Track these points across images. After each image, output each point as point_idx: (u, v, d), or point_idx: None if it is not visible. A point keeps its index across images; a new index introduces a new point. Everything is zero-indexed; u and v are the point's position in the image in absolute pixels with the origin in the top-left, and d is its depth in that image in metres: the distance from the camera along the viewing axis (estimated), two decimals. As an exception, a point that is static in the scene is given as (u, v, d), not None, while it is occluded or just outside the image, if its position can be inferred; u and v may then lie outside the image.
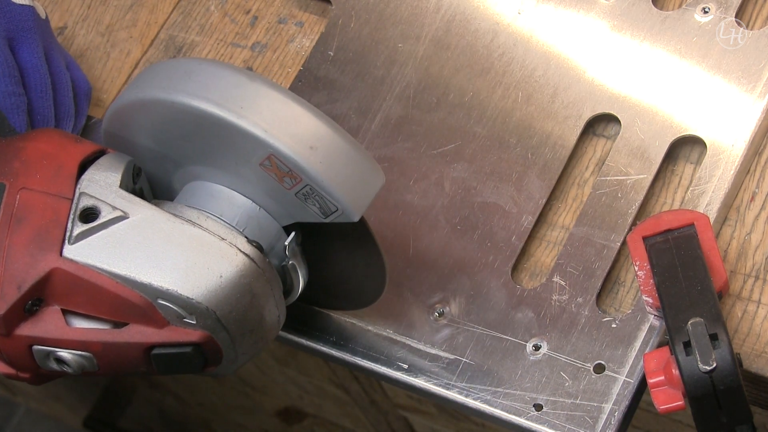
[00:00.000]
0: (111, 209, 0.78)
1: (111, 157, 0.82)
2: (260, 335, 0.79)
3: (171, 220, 0.78)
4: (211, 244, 0.77)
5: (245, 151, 0.77)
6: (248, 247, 0.78)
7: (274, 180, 0.78)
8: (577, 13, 0.94)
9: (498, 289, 0.87)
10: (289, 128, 0.76)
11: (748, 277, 0.84)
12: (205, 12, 1.05)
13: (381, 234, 0.88)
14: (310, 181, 0.77)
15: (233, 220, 0.80)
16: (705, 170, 0.86)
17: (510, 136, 0.92)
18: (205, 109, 0.77)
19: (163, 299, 0.76)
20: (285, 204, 0.79)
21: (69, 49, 1.06)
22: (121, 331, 0.78)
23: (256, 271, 0.78)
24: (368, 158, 0.78)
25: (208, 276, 0.76)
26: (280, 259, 0.81)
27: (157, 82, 0.79)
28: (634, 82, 0.91)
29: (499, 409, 0.83)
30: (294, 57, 1.01)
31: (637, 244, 0.81)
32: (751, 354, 0.81)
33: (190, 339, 0.77)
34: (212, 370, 0.80)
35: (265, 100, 0.77)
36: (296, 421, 1.62)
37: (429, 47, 0.96)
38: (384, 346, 0.87)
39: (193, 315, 0.77)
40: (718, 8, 0.91)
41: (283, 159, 0.76)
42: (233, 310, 0.77)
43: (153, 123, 0.80)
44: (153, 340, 0.78)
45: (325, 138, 0.77)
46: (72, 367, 0.80)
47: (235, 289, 0.77)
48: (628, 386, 0.81)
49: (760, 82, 0.88)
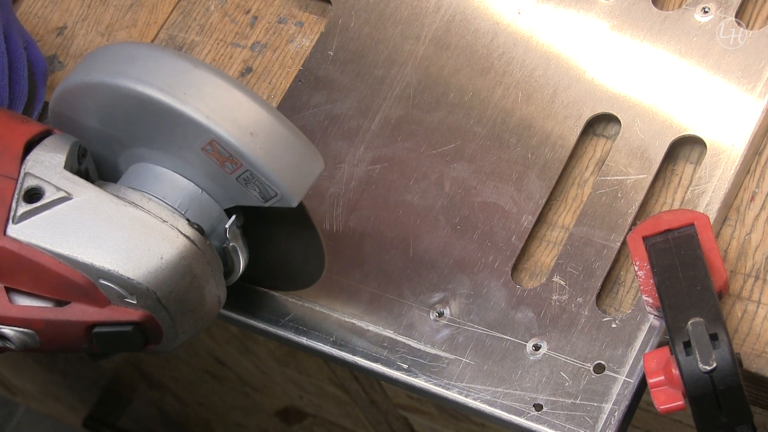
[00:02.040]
0: (55, 190, 0.80)
1: (56, 138, 0.83)
2: (200, 315, 0.82)
3: (114, 202, 0.80)
4: (152, 226, 0.79)
5: (188, 136, 0.79)
6: (189, 229, 0.80)
7: (216, 164, 0.80)
8: (577, 13, 0.94)
9: (498, 289, 0.87)
10: (230, 114, 0.78)
11: (748, 277, 0.84)
12: (204, 12, 1.05)
13: (381, 234, 0.88)
14: (250, 166, 0.79)
15: (175, 203, 0.82)
16: (705, 170, 0.86)
17: (510, 136, 0.92)
18: (149, 94, 0.79)
19: (104, 279, 0.78)
20: (226, 188, 0.81)
21: (69, 49, 1.06)
22: (63, 309, 0.80)
23: (197, 252, 0.79)
24: (308, 145, 0.80)
25: (149, 257, 0.78)
26: (221, 241, 0.83)
27: (103, 66, 0.81)
28: (634, 82, 0.91)
29: (499, 409, 0.83)
30: (294, 57, 1.01)
31: (637, 244, 0.81)
32: (751, 354, 0.81)
33: (131, 318, 0.79)
34: (153, 348, 0.82)
35: (208, 87, 0.79)
36: (296, 421, 1.62)
37: (429, 47, 0.96)
38: (384, 346, 0.87)
39: (133, 295, 0.78)
40: (718, 8, 0.91)
41: (223, 144, 0.78)
42: (173, 290, 0.79)
43: (99, 105, 0.82)
44: (94, 318, 0.80)
45: (266, 124, 0.79)
46: (14, 343, 0.81)
47: (176, 271, 0.79)
48: (628, 386, 0.81)
49: (760, 82, 0.88)
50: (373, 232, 0.91)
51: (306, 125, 0.96)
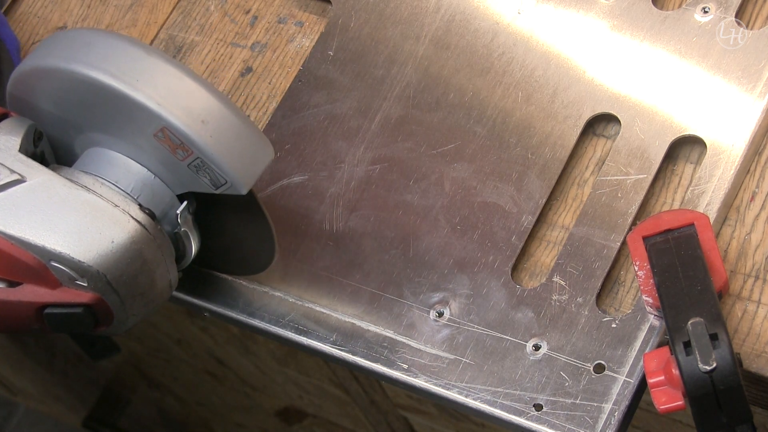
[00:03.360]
0: (9, 172, 0.81)
1: (12, 121, 0.84)
2: (150, 298, 0.83)
3: (67, 186, 0.81)
4: (104, 210, 0.80)
5: (140, 123, 0.80)
6: (140, 214, 0.81)
7: (168, 151, 0.81)
8: (577, 13, 0.94)
9: (498, 289, 0.87)
10: (181, 102, 0.79)
11: (748, 277, 0.84)
12: (204, 12, 1.05)
13: (381, 234, 0.88)
14: (201, 154, 0.80)
15: (128, 188, 0.83)
16: (705, 170, 0.86)
17: (510, 136, 0.92)
18: (102, 80, 0.80)
19: (56, 261, 0.79)
20: (178, 174, 0.82)
21: (69, 49, 1.06)
22: (14, 290, 0.81)
23: (147, 237, 0.81)
24: (258, 133, 0.82)
25: (100, 241, 0.79)
26: (173, 226, 0.84)
27: (59, 51, 0.82)
28: (634, 82, 0.91)
29: (499, 409, 0.83)
30: (294, 57, 1.01)
31: (637, 244, 0.81)
32: (751, 354, 0.81)
33: (81, 300, 0.80)
34: (103, 329, 0.83)
35: (160, 74, 0.80)
36: (296, 421, 1.62)
37: (429, 47, 0.96)
38: (384, 346, 0.87)
39: (84, 277, 0.79)
40: (718, 8, 0.91)
41: (174, 132, 0.79)
42: (123, 274, 0.80)
43: (54, 90, 0.83)
44: (45, 299, 0.81)
45: (217, 113, 0.80)
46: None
47: (126, 254, 0.80)
48: (628, 386, 0.81)
49: (760, 82, 0.88)
50: (373, 232, 0.91)
51: (306, 125, 0.96)
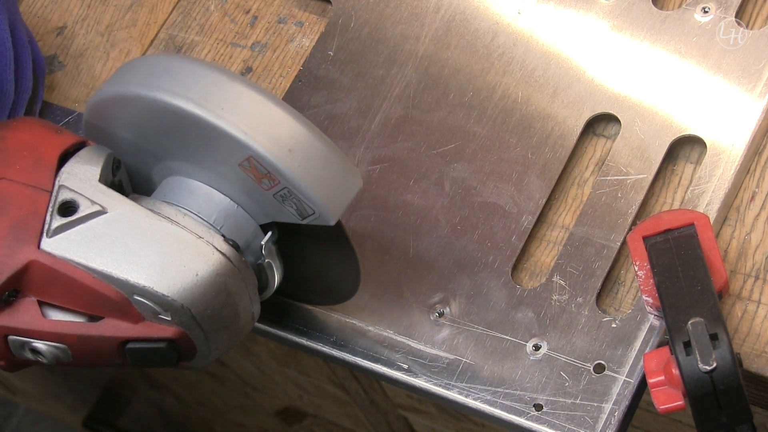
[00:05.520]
0: (90, 203, 0.79)
1: (91, 150, 0.82)
2: (234, 331, 0.80)
3: (149, 217, 0.78)
4: (188, 242, 0.78)
5: (224, 152, 0.78)
6: (225, 245, 0.78)
7: (253, 180, 0.78)
8: (577, 12, 0.94)
9: (498, 289, 0.87)
10: (268, 130, 0.76)
11: (748, 277, 0.84)
12: (204, 12, 1.05)
13: (381, 234, 0.88)
14: (288, 184, 0.77)
15: (210, 218, 0.80)
16: (705, 170, 0.86)
17: (510, 136, 0.92)
18: (186, 108, 0.77)
19: (139, 295, 0.77)
20: (262, 204, 0.80)
21: (69, 49, 1.06)
22: (96, 324, 0.79)
23: (232, 269, 0.78)
24: (346, 162, 0.79)
25: (184, 274, 0.77)
26: (256, 257, 0.82)
27: (139, 78, 0.79)
28: (634, 82, 0.91)
29: (499, 409, 0.83)
30: (294, 57, 1.01)
31: (637, 243, 0.81)
32: (751, 354, 0.81)
33: (165, 335, 0.78)
34: (185, 364, 0.81)
35: (245, 101, 0.77)
36: (296, 421, 1.62)
37: (429, 47, 0.96)
38: (384, 346, 0.87)
39: (168, 312, 0.77)
40: (718, 8, 0.91)
41: (261, 161, 0.77)
42: (208, 307, 0.78)
43: (133, 118, 0.81)
44: (128, 334, 0.78)
45: (304, 141, 0.77)
46: (46, 357, 0.80)
47: (211, 288, 0.77)
48: (628, 386, 0.81)
49: (760, 82, 0.88)
50: (373, 232, 0.91)
51: (306, 125, 0.96)
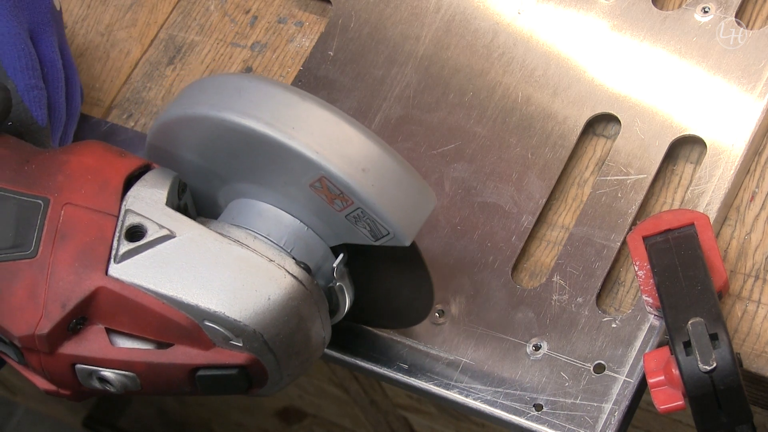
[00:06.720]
0: (158, 228, 0.77)
1: (156, 173, 0.80)
2: (306, 357, 0.78)
3: (218, 240, 0.76)
4: (259, 266, 0.75)
5: (295, 172, 0.76)
6: (296, 268, 0.76)
7: (324, 201, 0.76)
8: (577, 12, 0.94)
9: (498, 289, 0.87)
10: (340, 150, 0.74)
11: (748, 277, 0.84)
12: (204, 12, 1.05)
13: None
14: (362, 204, 0.75)
15: (281, 241, 0.78)
16: (705, 170, 0.86)
17: (510, 136, 0.92)
18: (256, 129, 0.75)
19: (209, 321, 0.75)
20: (334, 225, 0.78)
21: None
22: (165, 351, 0.76)
23: (304, 293, 0.76)
24: (419, 180, 0.77)
25: (256, 298, 0.74)
26: (327, 280, 0.80)
27: (207, 98, 0.77)
28: (634, 82, 0.91)
29: (499, 409, 0.83)
30: (294, 57, 1.01)
31: (637, 243, 0.81)
32: (751, 354, 0.81)
33: (236, 361, 0.76)
34: (256, 391, 0.79)
35: (316, 120, 0.75)
36: (296, 421, 1.62)
37: (429, 47, 0.96)
38: (384, 346, 0.87)
39: (240, 337, 0.75)
40: (718, 8, 0.91)
41: (334, 181, 0.74)
42: (280, 332, 0.75)
43: (201, 139, 0.79)
44: (198, 361, 0.76)
45: (377, 160, 0.75)
46: (115, 386, 0.78)
47: (283, 312, 0.75)
48: (628, 386, 0.81)
49: (760, 82, 0.88)
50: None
51: (306, 125, 0.96)
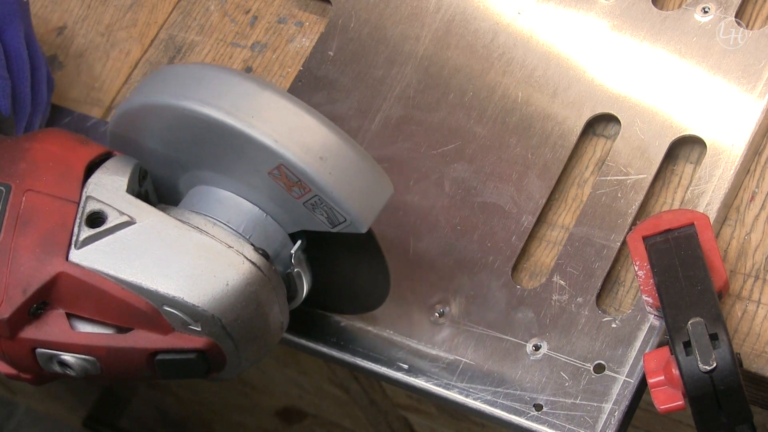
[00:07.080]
0: (118, 214, 0.78)
1: (118, 160, 0.81)
2: (264, 341, 0.79)
3: (178, 227, 0.77)
4: (218, 252, 0.77)
5: (255, 160, 0.77)
6: (255, 254, 0.78)
7: (283, 189, 0.78)
8: (577, 12, 0.94)
9: (498, 289, 0.87)
10: (299, 138, 0.76)
11: (748, 277, 0.84)
12: (204, 12, 1.05)
13: (381, 234, 0.88)
14: (319, 191, 0.76)
15: (240, 227, 0.80)
16: (705, 170, 0.86)
17: (510, 136, 0.92)
18: (216, 117, 0.76)
19: (168, 306, 0.76)
20: (292, 212, 0.79)
21: (69, 49, 1.06)
22: (125, 336, 0.78)
23: (262, 278, 0.77)
24: (377, 169, 0.78)
25: (214, 284, 0.76)
26: (285, 266, 0.81)
27: (168, 87, 0.78)
28: (634, 82, 0.91)
29: (499, 409, 0.83)
30: (294, 57, 1.01)
31: (637, 243, 0.81)
32: (751, 354, 0.81)
33: (195, 346, 0.77)
34: (215, 375, 0.80)
35: (275, 110, 0.76)
36: (296, 421, 1.62)
37: (429, 47, 0.96)
38: (384, 346, 0.87)
39: (198, 322, 0.76)
40: (718, 8, 0.91)
41: (292, 169, 0.76)
42: (239, 317, 0.77)
43: (162, 127, 0.80)
44: (157, 346, 0.78)
45: (335, 148, 0.76)
46: (75, 370, 0.79)
47: (241, 297, 0.76)
48: (628, 386, 0.81)
49: (760, 82, 0.88)
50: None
51: (306, 125, 0.96)
